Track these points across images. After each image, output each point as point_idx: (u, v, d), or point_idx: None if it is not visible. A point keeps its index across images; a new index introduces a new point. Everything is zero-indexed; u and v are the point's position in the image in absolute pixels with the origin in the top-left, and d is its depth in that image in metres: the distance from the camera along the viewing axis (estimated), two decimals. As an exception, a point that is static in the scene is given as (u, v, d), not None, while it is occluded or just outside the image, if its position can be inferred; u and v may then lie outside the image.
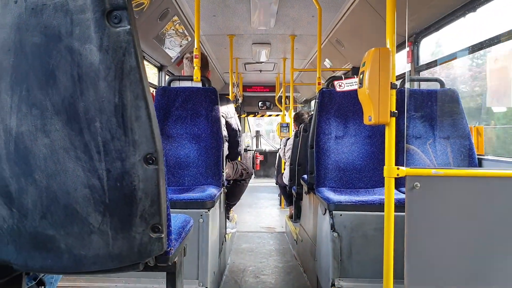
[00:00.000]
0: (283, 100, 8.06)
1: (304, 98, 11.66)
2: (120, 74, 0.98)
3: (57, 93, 0.99)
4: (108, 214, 1.06)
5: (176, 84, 3.37)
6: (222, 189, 3.11)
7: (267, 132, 15.63)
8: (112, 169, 1.03)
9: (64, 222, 1.08)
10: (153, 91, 5.07)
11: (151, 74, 5.74)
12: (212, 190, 2.74)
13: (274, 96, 10.21)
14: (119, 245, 1.09)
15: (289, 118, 6.94)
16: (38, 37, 0.98)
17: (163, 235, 1.11)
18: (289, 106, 6.90)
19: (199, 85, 3.23)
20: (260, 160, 11.20)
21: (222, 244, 3.34)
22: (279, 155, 6.17)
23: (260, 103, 11.51)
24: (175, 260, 1.37)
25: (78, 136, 1.01)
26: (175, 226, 1.51)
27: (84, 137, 1.01)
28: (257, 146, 12.22)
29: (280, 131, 6.99)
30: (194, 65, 3.24)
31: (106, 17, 0.96)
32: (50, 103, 1.00)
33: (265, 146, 12.35)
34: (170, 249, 1.27)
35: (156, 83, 5.79)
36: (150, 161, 1.03)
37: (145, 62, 5.18)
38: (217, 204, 2.86)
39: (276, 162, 7.26)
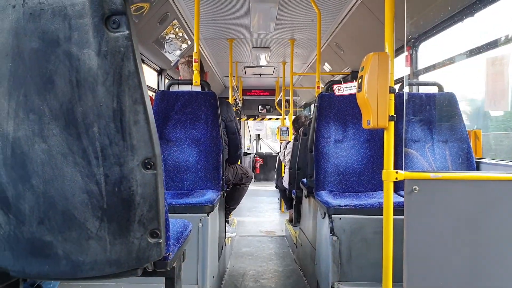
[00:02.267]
0: (282, 104, 8.06)
1: (304, 102, 11.67)
2: (118, 79, 0.98)
3: (55, 98, 0.99)
4: (106, 219, 1.06)
5: (175, 88, 3.37)
6: (222, 193, 3.10)
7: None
8: (110, 174, 1.02)
9: (62, 227, 1.07)
10: (152, 94, 5.07)
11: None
12: (211, 195, 2.74)
13: (274, 99, 10.21)
14: (117, 251, 1.09)
15: (288, 121, 6.95)
16: (36, 42, 0.97)
17: (161, 240, 1.11)
18: (289, 110, 6.90)
19: (199, 89, 3.22)
20: (260, 164, 11.18)
21: (222, 248, 3.33)
22: (279, 158, 6.16)
23: (260, 106, 11.53)
24: (173, 265, 1.36)
25: (76, 141, 1.01)
26: (173, 231, 1.50)
27: (82, 142, 1.01)
28: (257, 149, 12.21)
29: (280, 135, 7.00)
30: (194, 69, 3.24)
31: (105, 22, 0.96)
32: (48, 108, 0.99)
33: (265, 149, 12.33)
34: (169, 254, 1.27)
35: (155, 86, 5.80)
36: (148, 166, 1.03)
37: (145, 66, 5.19)
38: (216, 209, 2.85)
39: (276, 166, 7.25)
